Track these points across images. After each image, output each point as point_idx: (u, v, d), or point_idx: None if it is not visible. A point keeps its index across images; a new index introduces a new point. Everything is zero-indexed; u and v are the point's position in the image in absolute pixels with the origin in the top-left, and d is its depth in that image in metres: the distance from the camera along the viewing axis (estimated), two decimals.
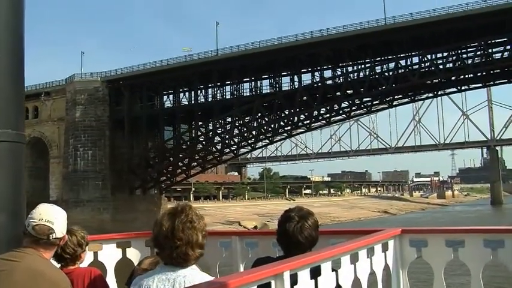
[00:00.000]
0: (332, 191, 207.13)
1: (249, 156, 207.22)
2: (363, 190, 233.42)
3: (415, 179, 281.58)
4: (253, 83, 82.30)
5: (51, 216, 3.69)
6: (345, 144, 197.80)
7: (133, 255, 6.86)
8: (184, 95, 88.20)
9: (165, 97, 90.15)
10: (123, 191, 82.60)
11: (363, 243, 5.09)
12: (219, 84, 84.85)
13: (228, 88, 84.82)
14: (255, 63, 77.52)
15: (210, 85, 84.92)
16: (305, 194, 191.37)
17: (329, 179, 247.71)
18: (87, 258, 5.50)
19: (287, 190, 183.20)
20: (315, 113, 79.14)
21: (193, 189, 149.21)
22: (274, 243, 5.15)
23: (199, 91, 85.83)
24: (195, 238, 3.29)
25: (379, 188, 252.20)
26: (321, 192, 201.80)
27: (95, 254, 6.45)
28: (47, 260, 3.71)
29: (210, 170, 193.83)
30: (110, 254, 6.74)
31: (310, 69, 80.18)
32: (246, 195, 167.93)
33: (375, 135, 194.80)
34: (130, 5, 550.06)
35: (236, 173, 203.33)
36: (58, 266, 4.42)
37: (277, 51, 76.39)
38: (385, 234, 5.78)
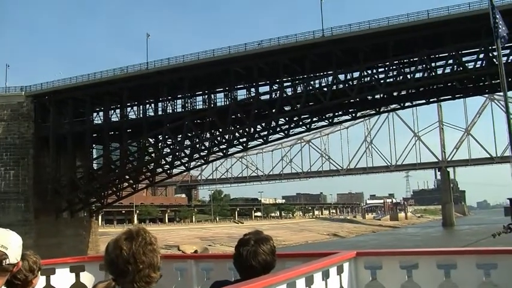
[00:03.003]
0: (283, 213, 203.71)
1: (199, 178, 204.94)
2: (316, 212, 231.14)
3: (368, 201, 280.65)
4: (188, 99, 77.62)
5: (5, 241, 3.55)
6: (296, 166, 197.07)
7: (87, 279, 6.97)
8: (114, 111, 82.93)
9: (95, 114, 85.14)
10: (48, 214, 76.49)
11: (318, 266, 5.19)
12: (152, 100, 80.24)
13: (160, 105, 80.00)
14: (187, 78, 73.05)
15: (143, 101, 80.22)
16: (256, 216, 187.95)
17: (283, 201, 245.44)
18: (39, 282, 5.02)
19: (236, 213, 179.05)
20: (252, 130, 74.88)
21: (137, 211, 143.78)
22: (231, 266, 5.19)
23: (129, 107, 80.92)
24: (156, 260, 3.21)
25: (333, 210, 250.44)
26: (272, 214, 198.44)
27: (48, 278, 6.48)
28: None
29: (159, 192, 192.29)
30: (62, 279, 6.80)
31: (246, 85, 75.90)
32: (194, 218, 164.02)
33: (327, 157, 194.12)
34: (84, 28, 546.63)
35: (184, 195, 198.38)
36: None
37: (210, 64, 72.01)
38: (340, 256, 5.92)
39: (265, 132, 76.81)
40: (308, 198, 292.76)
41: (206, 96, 77.40)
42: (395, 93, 72.98)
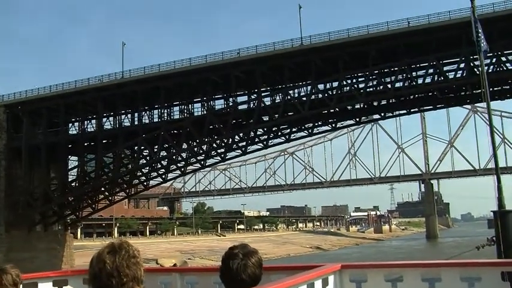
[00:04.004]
0: (267, 226, 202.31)
1: (182, 190, 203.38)
2: (300, 225, 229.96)
3: (353, 213, 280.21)
4: (165, 109, 75.85)
5: None
6: (280, 178, 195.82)
7: None
8: (90, 122, 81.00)
9: (70, 124, 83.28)
10: (20, 228, 74.27)
11: (303, 279, 5.10)
12: (128, 110, 78.47)
13: (136, 115, 78.04)
14: (163, 87, 71.34)
15: (119, 111, 78.32)
16: (239, 229, 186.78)
17: (268, 213, 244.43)
18: None
19: (219, 225, 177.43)
20: (230, 141, 73.23)
21: (117, 224, 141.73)
22: (215, 280, 5.33)
23: (105, 118, 78.98)
24: (139, 273, 3.16)
25: (317, 223, 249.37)
26: (255, 227, 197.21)
27: None
28: None
29: (142, 204, 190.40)
30: None
31: (224, 95, 74.33)
32: (175, 231, 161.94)
33: (311, 169, 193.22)
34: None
35: (166, 208, 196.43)
36: None
37: (187, 74, 70.10)
38: (325, 269, 5.90)
39: (244, 143, 75.11)
40: (292, 210, 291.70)
41: (183, 106, 75.55)
42: (375, 103, 71.62)
